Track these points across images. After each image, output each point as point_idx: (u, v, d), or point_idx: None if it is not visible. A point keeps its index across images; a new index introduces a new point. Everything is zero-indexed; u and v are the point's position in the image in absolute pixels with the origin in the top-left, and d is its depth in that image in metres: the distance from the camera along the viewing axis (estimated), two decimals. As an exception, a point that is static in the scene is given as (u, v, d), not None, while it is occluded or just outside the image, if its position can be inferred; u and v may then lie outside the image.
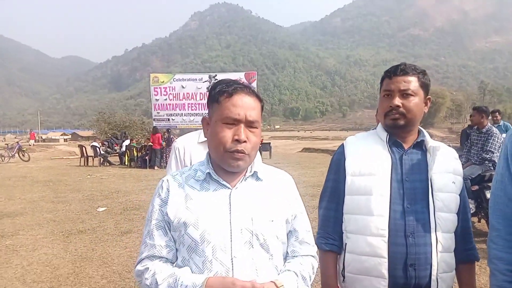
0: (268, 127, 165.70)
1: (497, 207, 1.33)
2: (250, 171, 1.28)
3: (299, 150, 28.81)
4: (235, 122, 1.19)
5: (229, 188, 1.23)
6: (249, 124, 1.21)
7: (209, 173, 1.25)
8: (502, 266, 1.29)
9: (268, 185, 1.30)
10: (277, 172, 1.38)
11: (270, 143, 23.18)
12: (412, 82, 1.51)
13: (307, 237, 1.36)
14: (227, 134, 1.18)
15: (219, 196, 1.22)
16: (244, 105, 1.20)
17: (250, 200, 1.23)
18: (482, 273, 4.00)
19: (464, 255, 1.57)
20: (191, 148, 2.06)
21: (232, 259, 1.16)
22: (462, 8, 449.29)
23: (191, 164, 1.93)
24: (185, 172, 1.32)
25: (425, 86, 1.54)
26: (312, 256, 1.36)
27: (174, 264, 1.24)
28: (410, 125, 1.53)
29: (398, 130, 1.55)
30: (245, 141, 1.18)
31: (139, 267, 1.23)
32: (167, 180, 1.29)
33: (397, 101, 1.51)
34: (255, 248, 1.19)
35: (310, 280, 1.31)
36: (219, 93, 1.22)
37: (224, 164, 1.22)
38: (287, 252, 1.33)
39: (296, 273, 1.26)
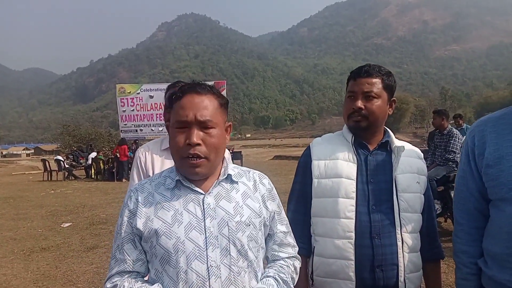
0: (239, 135, 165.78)
1: (460, 202, 1.37)
2: (224, 174, 1.21)
3: (271, 158, 28.96)
4: (186, 125, 1.12)
5: (201, 193, 1.17)
6: (202, 125, 1.13)
7: (179, 180, 1.18)
8: (466, 259, 1.33)
9: (243, 187, 1.24)
10: (252, 172, 1.32)
11: (241, 151, 23.21)
12: (376, 84, 1.50)
13: (286, 238, 1.32)
14: (180, 139, 1.12)
15: (191, 203, 1.16)
16: (194, 106, 1.12)
17: (225, 205, 1.17)
18: (450, 271, 4.08)
19: (430, 253, 1.58)
20: (153, 155, 1.98)
21: (208, 268, 1.10)
22: (422, 18, 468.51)
23: (153, 173, 1.87)
24: (154, 180, 1.24)
25: (389, 88, 1.53)
26: (293, 257, 1.32)
27: (147, 277, 1.19)
28: (373, 126, 1.53)
29: (360, 131, 1.54)
30: (198, 144, 1.11)
31: (108, 285, 1.16)
32: (136, 190, 1.21)
33: (359, 103, 1.49)
34: (233, 255, 1.13)
35: (293, 282, 1.28)
36: (171, 97, 1.19)
37: (184, 172, 1.16)
38: (267, 256, 1.30)
39: (276, 279, 1.21)
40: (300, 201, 1.62)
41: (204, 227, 1.12)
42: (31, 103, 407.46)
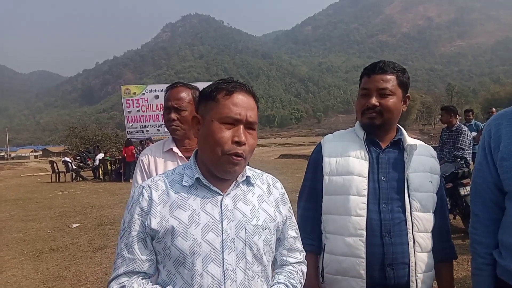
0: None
1: (477, 194, 1.38)
2: (243, 176, 1.19)
3: (276, 157, 28.91)
4: (234, 122, 1.09)
5: (220, 194, 1.14)
6: (249, 126, 1.12)
7: (198, 178, 1.14)
8: (481, 250, 1.35)
9: (259, 190, 1.23)
10: (265, 176, 1.30)
11: (247, 151, 23.15)
12: (390, 81, 1.48)
13: (295, 243, 1.31)
14: (226, 135, 1.08)
15: (209, 203, 1.12)
16: (245, 105, 1.11)
17: (242, 207, 1.15)
18: (460, 269, 4.06)
19: (442, 253, 1.56)
20: (156, 158, 1.99)
21: (224, 271, 1.07)
22: (426, 14, 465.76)
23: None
24: (168, 176, 1.19)
25: (403, 85, 1.51)
26: (301, 262, 1.32)
27: (158, 278, 1.15)
28: (387, 124, 1.51)
29: (374, 129, 1.52)
30: (244, 144, 1.10)
31: (114, 285, 1.10)
32: (148, 187, 1.15)
33: (374, 100, 1.48)
34: (248, 259, 1.11)
35: (301, 286, 1.28)
36: (216, 90, 1.12)
37: (219, 169, 1.11)
38: (275, 259, 1.28)
39: (286, 285, 1.21)
40: (310, 198, 1.61)
41: (222, 229, 1.09)
42: (38, 105, 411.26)
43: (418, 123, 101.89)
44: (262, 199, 1.21)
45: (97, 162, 18.35)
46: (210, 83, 1.11)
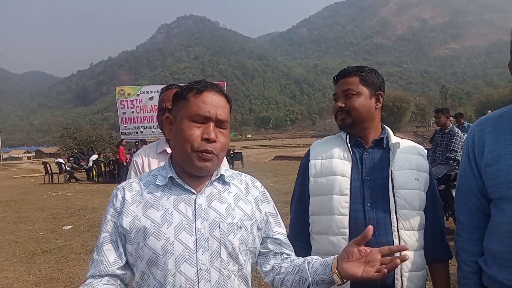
0: (240, 136, 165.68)
1: (462, 201, 1.37)
2: (216, 175, 1.19)
3: (271, 158, 28.93)
4: (204, 120, 1.10)
5: (193, 193, 1.13)
6: (219, 124, 1.13)
7: (171, 177, 1.14)
8: (467, 258, 1.34)
9: (235, 189, 1.22)
10: (244, 176, 1.30)
11: (242, 152, 23.17)
12: (353, 82, 1.54)
13: (286, 240, 1.31)
14: (195, 132, 1.09)
15: (182, 203, 1.12)
16: (215, 103, 1.12)
17: (217, 206, 1.14)
18: (452, 269, 4.06)
19: (435, 253, 1.56)
20: (150, 159, 2.01)
21: (197, 271, 1.06)
22: (421, 16, 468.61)
23: None
24: (143, 178, 1.20)
25: (369, 83, 1.55)
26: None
27: (133, 279, 1.13)
28: (360, 122, 1.54)
29: (349, 129, 1.57)
30: (214, 141, 1.10)
31: None
32: (123, 188, 1.16)
33: (340, 102, 1.56)
34: (223, 258, 1.10)
35: None
36: (187, 89, 1.14)
37: (190, 165, 1.12)
38: (273, 254, 1.26)
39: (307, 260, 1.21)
40: (300, 201, 1.65)
41: (195, 228, 1.09)
42: (31, 106, 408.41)
43: (412, 125, 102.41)
44: (238, 198, 1.20)
45: (90, 164, 18.29)
46: None
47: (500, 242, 1.20)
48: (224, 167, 1.25)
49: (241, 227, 1.14)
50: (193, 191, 1.13)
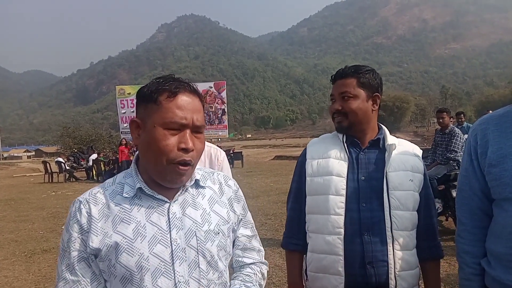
0: (240, 136, 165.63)
1: (463, 202, 1.35)
2: (191, 181, 1.11)
3: (271, 158, 28.91)
4: (180, 127, 1.01)
5: (166, 201, 1.06)
6: (195, 129, 1.03)
7: (140, 188, 1.05)
8: (469, 259, 1.32)
9: (209, 192, 1.15)
10: (216, 174, 1.23)
11: (241, 152, 23.19)
12: (350, 84, 1.53)
13: (250, 242, 1.25)
14: (171, 142, 0.99)
15: (155, 213, 1.04)
16: (190, 107, 1.02)
17: (192, 213, 1.08)
18: (451, 270, 4.08)
19: (428, 252, 1.57)
20: None
21: (176, 284, 1.01)
22: (421, 16, 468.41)
23: None
24: (108, 188, 1.09)
25: (366, 85, 1.54)
26: (260, 262, 1.26)
27: None
28: (356, 124, 1.55)
29: (345, 131, 1.57)
30: (192, 150, 1.02)
31: None
32: (86, 201, 1.05)
33: (337, 105, 1.55)
34: (202, 267, 1.05)
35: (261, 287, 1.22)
36: (157, 91, 1.01)
37: (163, 179, 1.04)
38: (231, 262, 1.23)
39: None
40: (296, 199, 1.67)
41: (170, 239, 1.03)
42: (31, 105, 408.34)
43: (412, 125, 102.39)
44: (213, 201, 1.14)
45: (90, 163, 18.29)
46: (206, 83, 0.89)
47: (504, 244, 1.19)
48: (196, 168, 1.13)
49: (218, 233, 1.10)
50: (166, 199, 1.06)
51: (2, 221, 8.04)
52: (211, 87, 25.83)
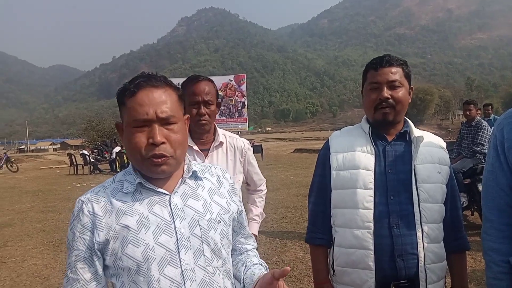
0: (259, 129, 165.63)
1: (489, 198, 1.31)
2: (189, 171, 1.15)
3: (291, 151, 28.79)
4: (146, 123, 1.03)
5: (166, 194, 1.09)
6: (164, 122, 1.04)
7: (140, 182, 1.09)
8: (497, 257, 1.27)
9: (208, 183, 1.19)
10: (214, 167, 1.27)
11: (261, 145, 23.19)
12: (398, 73, 1.50)
13: (248, 231, 1.33)
14: (141, 139, 1.03)
15: (157, 205, 1.08)
16: (152, 101, 1.03)
17: (193, 203, 1.11)
18: (477, 265, 3.99)
19: (454, 244, 1.56)
20: None
21: (182, 272, 1.04)
22: (446, 6, 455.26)
23: None
24: (109, 186, 1.12)
25: (408, 77, 1.54)
26: (255, 248, 1.34)
27: None
28: (399, 118, 1.53)
29: (390, 124, 1.54)
30: (163, 143, 1.03)
31: None
32: (88, 201, 1.08)
33: (386, 92, 1.49)
34: (207, 255, 1.09)
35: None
36: (122, 92, 1.06)
37: (147, 172, 1.07)
38: (233, 249, 1.27)
39: (262, 265, 1.23)
40: (320, 194, 1.64)
41: (175, 229, 1.06)
42: (56, 99, 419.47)
43: (436, 117, 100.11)
44: (213, 192, 1.18)
45: (114, 155, 18.60)
46: (225, 76, 0.92)
47: None
48: (194, 161, 1.21)
49: (220, 222, 1.13)
50: (166, 192, 1.10)
51: (30, 211, 8.31)
52: (231, 80, 25.86)
